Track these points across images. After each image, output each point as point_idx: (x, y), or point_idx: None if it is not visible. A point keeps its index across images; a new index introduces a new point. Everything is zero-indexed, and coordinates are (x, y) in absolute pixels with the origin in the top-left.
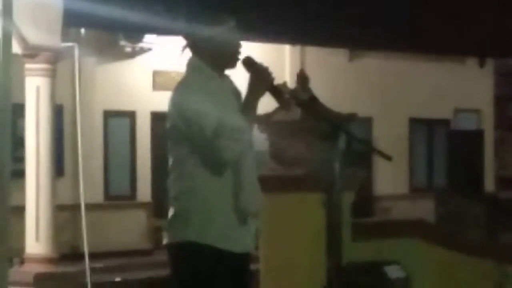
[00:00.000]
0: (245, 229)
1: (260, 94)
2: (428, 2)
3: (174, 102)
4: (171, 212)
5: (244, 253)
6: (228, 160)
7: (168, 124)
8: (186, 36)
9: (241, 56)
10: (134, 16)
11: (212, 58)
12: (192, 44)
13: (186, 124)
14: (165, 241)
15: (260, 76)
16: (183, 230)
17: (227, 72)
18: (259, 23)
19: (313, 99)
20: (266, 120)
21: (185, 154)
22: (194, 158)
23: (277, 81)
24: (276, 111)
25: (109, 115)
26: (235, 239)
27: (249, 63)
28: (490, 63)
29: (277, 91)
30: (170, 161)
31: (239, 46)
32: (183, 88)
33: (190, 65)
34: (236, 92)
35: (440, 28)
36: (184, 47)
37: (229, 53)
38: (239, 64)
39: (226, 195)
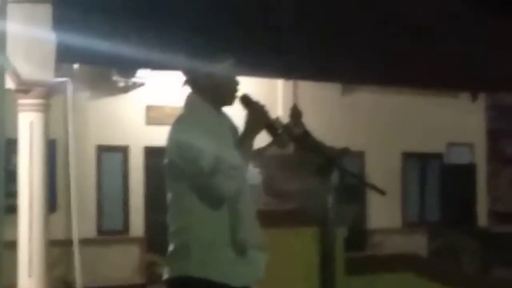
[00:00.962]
0: (245, 262)
1: (256, 131)
2: (421, 37)
3: (171, 138)
4: (171, 248)
5: (244, 287)
6: (225, 196)
7: (165, 160)
8: (185, 72)
9: (239, 94)
10: (127, 51)
11: (211, 94)
12: (192, 80)
13: (183, 161)
14: (165, 276)
15: (256, 114)
16: (183, 265)
17: (225, 108)
18: (251, 58)
19: (306, 134)
20: (260, 154)
21: (183, 189)
22: (191, 193)
23: (270, 116)
24: (269, 145)
25: (102, 150)
26: (234, 273)
27: (246, 101)
28: (482, 97)
29: (273, 129)
30: (169, 197)
31: (237, 84)
32: (181, 124)
33: (189, 101)
34: (233, 128)
35: (432, 62)
36: (184, 83)
37: (228, 90)
38: (237, 101)
39: (224, 229)
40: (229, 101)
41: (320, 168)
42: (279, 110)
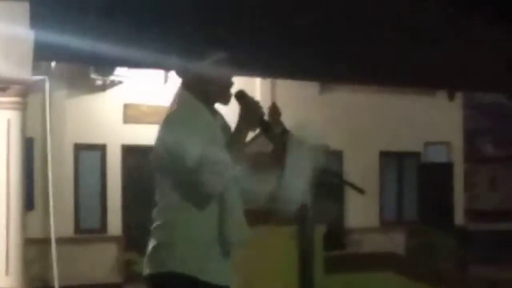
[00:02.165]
0: (229, 261)
1: (249, 127)
2: (398, 36)
3: (159, 134)
4: (153, 243)
5: (225, 286)
6: (210, 193)
7: (153, 156)
8: (175, 70)
9: (234, 90)
10: (105, 49)
11: (199, 91)
12: (181, 77)
13: (169, 156)
14: (145, 271)
15: (250, 110)
16: (166, 261)
17: (221, 108)
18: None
19: (285, 132)
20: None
21: (170, 185)
22: (178, 190)
23: (264, 112)
24: (248, 143)
25: (80, 148)
26: (217, 271)
27: (240, 96)
28: (459, 96)
29: (267, 126)
30: (157, 192)
31: (228, 80)
32: (169, 120)
33: (179, 97)
34: (225, 126)
35: (410, 61)
36: (179, 81)
37: (217, 87)
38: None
39: (210, 227)
40: (220, 98)
41: None
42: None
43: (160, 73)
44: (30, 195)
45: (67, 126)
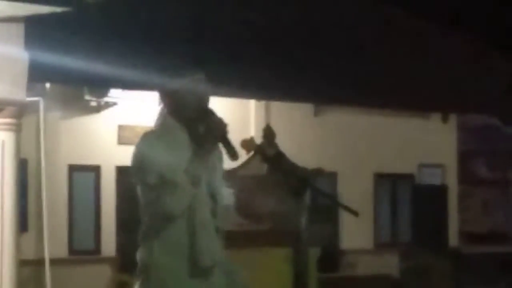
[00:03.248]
0: (206, 283)
1: (212, 144)
2: (392, 58)
3: (133, 151)
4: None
5: None
6: (169, 215)
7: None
8: (155, 88)
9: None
10: (99, 70)
11: (174, 109)
12: (160, 96)
13: (136, 175)
14: None
15: (213, 126)
16: (145, 285)
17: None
18: (224, 78)
19: (280, 154)
20: (233, 175)
21: (142, 204)
22: (147, 208)
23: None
24: (243, 165)
25: (74, 169)
26: None
27: (208, 114)
28: (453, 119)
29: (227, 142)
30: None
31: (202, 99)
32: (142, 138)
33: (158, 116)
34: (218, 155)
35: (404, 84)
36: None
37: (191, 105)
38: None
39: (182, 246)
40: (196, 116)
41: (293, 189)
42: (252, 131)
43: (154, 94)
44: (24, 217)
45: (61, 147)
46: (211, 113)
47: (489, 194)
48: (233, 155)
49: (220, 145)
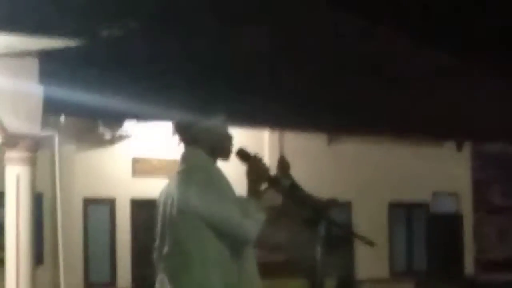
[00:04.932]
0: None
1: (259, 184)
2: (405, 86)
3: (185, 190)
4: None
5: None
6: (252, 239)
7: (177, 213)
8: (182, 128)
9: (234, 148)
10: (114, 103)
11: (208, 149)
12: (189, 135)
13: (206, 210)
14: None
15: (255, 168)
16: None
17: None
18: (237, 109)
19: (294, 185)
20: None
21: (202, 239)
22: (212, 244)
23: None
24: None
25: (89, 202)
26: None
27: (243, 155)
28: (467, 146)
29: (274, 181)
30: (169, 249)
31: (231, 138)
32: (192, 176)
33: (189, 155)
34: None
35: (418, 112)
36: (180, 139)
37: (223, 145)
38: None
39: (232, 278)
40: (225, 155)
41: (308, 220)
42: (266, 161)
43: (168, 126)
44: (40, 250)
45: (76, 180)
46: (245, 153)
47: (505, 222)
48: (282, 191)
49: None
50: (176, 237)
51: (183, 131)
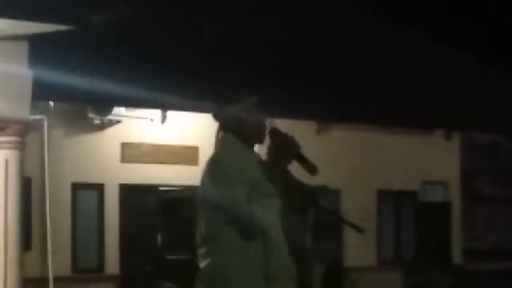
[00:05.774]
0: None
1: (287, 163)
2: (396, 76)
3: (206, 174)
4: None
5: None
6: (261, 225)
7: (201, 196)
8: (213, 114)
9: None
10: (104, 88)
11: (238, 133)
12: (219, 121)
13: (218, 194)
14: None
15: (286, 146)
16: None
17: None
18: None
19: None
20: None
21: (219, 224)
22: (227, 229)
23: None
24: None
25: (77, 188)
26: None
27: (275, 134)
28: (456, 136)
29: (303, 159)
30: (203, 233)
31: (263, 122)
32: (215, 160)
33: (222, 140)
34: (262, 163)
35: (407, 101)
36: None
37: (254, 129)
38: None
39: (258, 261)
40: (256, 138)
41: (298, 206)
42: (255, 149)
43: (158, 112)
44: (28, 234)
45: (65, 165)
46: (278, 132)
47: (492, 211)
48: (312, 170)
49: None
50: (200, 224)
51: (215, 117)
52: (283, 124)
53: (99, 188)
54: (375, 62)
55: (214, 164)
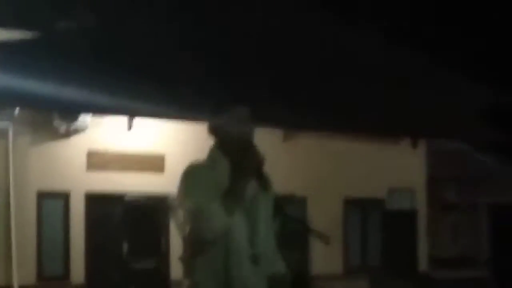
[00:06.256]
0: None
1: (247, 175)
2: (361, 83)
3: (179, 183)
4: None
5: None
6: (204, 239)
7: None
8: (207, 125)
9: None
10: (70, 96)
11: (222, 143)
12: (208, 130)
13: (178, 200)
14: None
15: (250, 159)
16: None
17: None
18: (195, 104)
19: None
20: None
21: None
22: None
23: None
24: None
25: (43, 195)
26: None
27: (247, 146)
28: (422, 143)
29: (260, 175)
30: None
31: (246, 132)
32: (186, 167)
33: (208, 150)
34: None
35: (374, 109)
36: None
37: (237, 139)
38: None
39: (219, 272)
40: (236, 148)
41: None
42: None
43: (124, 120)
44: None
45: (30, 173)
46: (252, 147)
47: (458, 219)
48: (266, 187)
49: (254, 178)
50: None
51: (207, 127)
52: None
53: (65, 196)
54: (342, 70)
55: (185, 170)
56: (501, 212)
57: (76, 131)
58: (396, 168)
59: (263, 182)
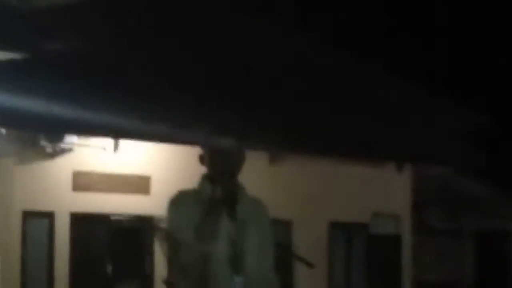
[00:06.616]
0: None
1: (219, 205)
2: (347, 106)
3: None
4: None
5: None
6: (181, 266)
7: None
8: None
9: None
10: (56, 116)
11: (208, 171)
12: (199, 159)
13: (170, 223)
14: None
15: (225, 189)
16: None
17: None
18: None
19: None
20: None
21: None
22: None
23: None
24: None
25: (28, 216)
26: None
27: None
28: (408, 168)
29: (230, 205)
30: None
31: (230, 161)
32: (172, 195)
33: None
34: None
35: (359, 133)
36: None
37: (219, 168)
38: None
39: None
40: (218, 177)
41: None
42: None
43: (110, 141)
44: None
45: (15, 193)
46: (233, 177)
47: (443, 245)
48: (233, 217)
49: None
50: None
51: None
52: None
53: (50, 216)
54: (328, 93)
55: (171, 197)
56: (485, 237)
57: (63, 152)
58: (381, 193)
59: (232, 212)
